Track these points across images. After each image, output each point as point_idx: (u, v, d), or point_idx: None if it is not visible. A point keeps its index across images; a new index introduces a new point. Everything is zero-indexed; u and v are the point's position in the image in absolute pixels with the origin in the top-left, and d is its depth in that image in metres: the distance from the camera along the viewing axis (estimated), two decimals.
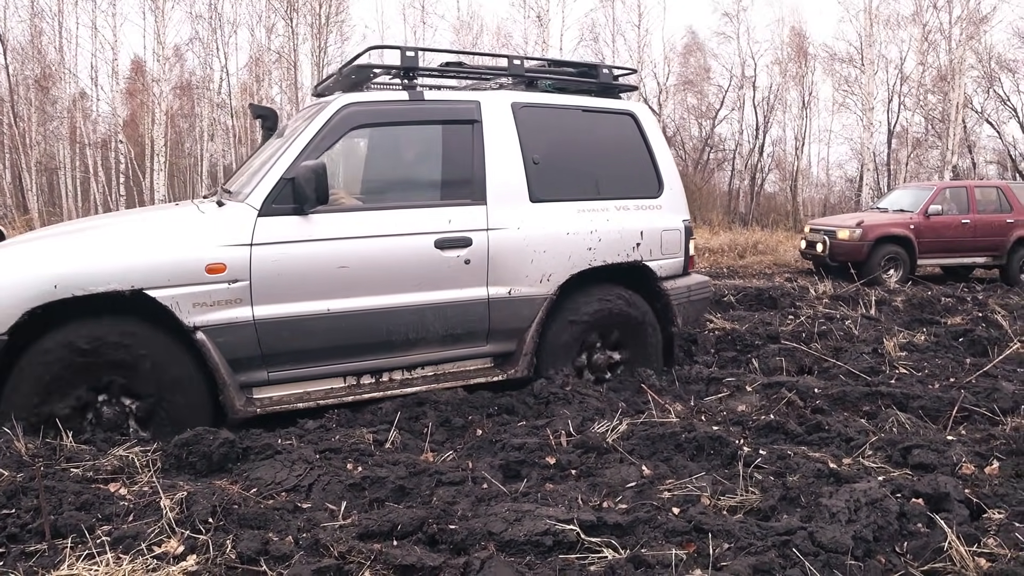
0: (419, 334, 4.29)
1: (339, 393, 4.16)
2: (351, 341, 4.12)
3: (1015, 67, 29.14)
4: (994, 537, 2.61)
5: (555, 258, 4.63)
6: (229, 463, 3.29)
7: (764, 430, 3.87)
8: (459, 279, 4.35)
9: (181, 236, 3.82)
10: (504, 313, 4.51)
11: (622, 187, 4.98)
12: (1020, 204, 13.23)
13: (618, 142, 5.03)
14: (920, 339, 6.54)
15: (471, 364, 4.63)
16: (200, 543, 2.49)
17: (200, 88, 27.22)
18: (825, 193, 35.04)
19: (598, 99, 5.08)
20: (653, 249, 5.01)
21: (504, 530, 2.56)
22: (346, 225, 4.09)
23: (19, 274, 3.53)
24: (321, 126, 4.10)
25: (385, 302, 4.15)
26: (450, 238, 4.31)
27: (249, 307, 3.83)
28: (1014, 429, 3.84)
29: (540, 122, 4.72)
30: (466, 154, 4.48)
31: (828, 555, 2.46)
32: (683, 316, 5.17)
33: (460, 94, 4.70)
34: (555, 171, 4.72)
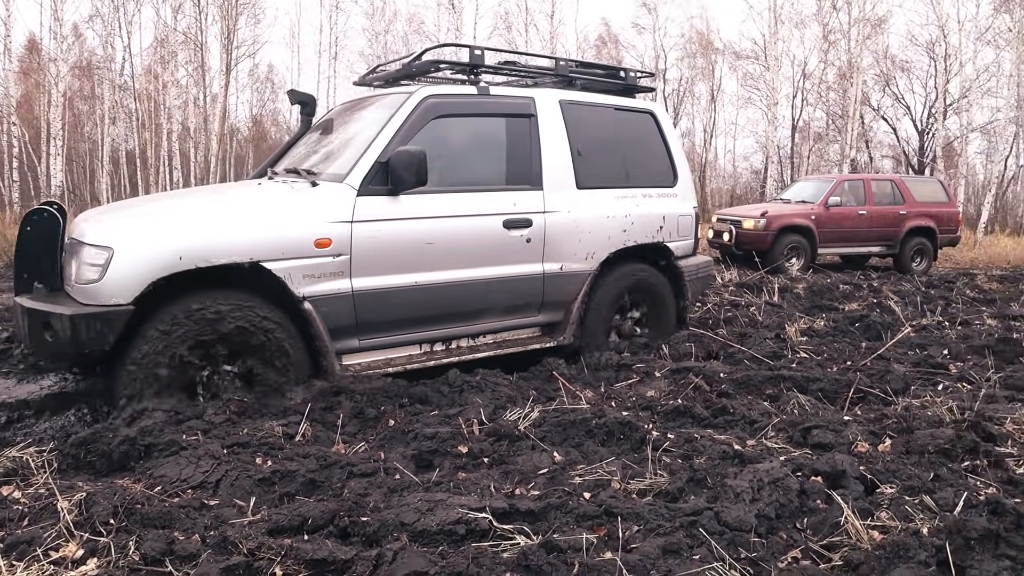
0: (486, 305, 4.79)
1: (419, 359, 4.60)
2: (432, 311, 4.54)
3: (909, 67, 30.67)
4: (886, 511, 2.75)
5: (598, 238, 5.25)
6: (131, 461, 3.16)
7: (672, 414, 3.97)
8: (521, 256, 4.88)
9: (291, 212, 4.09)
10: (555, 286, 5.07)
11: (646, 177, 5.64)
12: (913, 197, 13.94)
13: (641, 137, 5.69)
14: (819, 325, 6.83)
15: (524, 333, 5.19)
16: (101, 546, 2.39)
17: (101, 68, 25.94)
18: (732, 184, 36.16)
19: (623, 98, 5.72)
20: (672, 232, 5.73)
21: (416, 520, 2.55)
22: (431, 205, 4.47)
23: (147, 245, 3.69)
24: (408, 114, 4.48)
25: (462, 275, 4.60)
26: (515, 219, 4.83)
27: (348, 279, 4.17)
28: (905, 409, 4.05)
29: (581, 117, 5.27)
30: (525, 144, 4.98)
31: (733, 533, 2.54)
32: (692, 290, 5.95)
33: (518, 91, 5.17)
34: (594, 161, 5.29)
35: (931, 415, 3.88)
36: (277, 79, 37.50)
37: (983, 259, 16.78)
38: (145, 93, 26.97)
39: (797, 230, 12.89)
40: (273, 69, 39.40)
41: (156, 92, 25.90)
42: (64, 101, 19.86)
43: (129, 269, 3.61)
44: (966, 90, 23.43)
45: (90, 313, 3.57)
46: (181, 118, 25.78)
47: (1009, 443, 3.50)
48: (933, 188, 14.78)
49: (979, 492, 2.92)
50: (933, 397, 4.28)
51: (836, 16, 25.86)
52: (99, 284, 3.60)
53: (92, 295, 3.62)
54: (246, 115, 36.62)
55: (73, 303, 3.68)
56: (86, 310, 3.58)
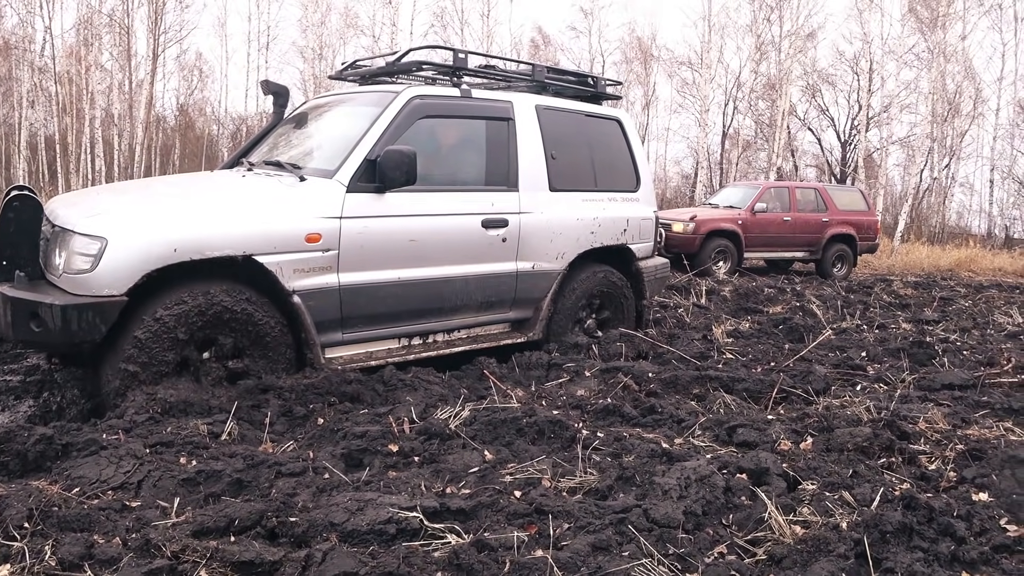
0: (463, 301, 4.92)
1: (397, 353, 4.71)
2: (413, 306, 4.66)
3: (834, 81, 31.72)
4: (808, 506, 2.83)
5: (568, 239, 5.47)
6: (47, 461, 3.02)
7: (602, 413, 4.00)
8: (497, 254, 5.04)
9: (283, 207, 4.14)
10: (527, 284, 5.27)
11: (612, 181, 5.87)
12: (835, 205, 14.41)
13: (608, 143, 5.92)
14: (745, 326, 7.00)
15: (495, 328, 5.35)
16: (15, 551, 2.28)
17: (19, 49, 24.80)
18: (662, 188, 36.73)
19: (594, 105, 5.96)
20: (634, 235, 5.98)
21: (346, 520, 2.52)
22: (414, 203, 4.58)
23: (142, 236, 3.67)
24: (395, 114, 4.57)
25: (442, 272, 4.74)
26: (493, 219, 4.99)
27: (336, 274, 4.25)
28: (825, 408, 4.19)
29: (555, 122, 5.47)
30: (503, 147, 5.13)
31: (661, 530, 2.59)
32: (650, 290, 6.26)
33: (497, 94, 5.32)
34: (566, 165, 5.49)
35: (850, 414, 4.01)
36: (205, 67, 36.53)
37: (899, 266, 17.48)
38: (67, 76, 25.89)
39: (724, 234, 13.16)
40: (201, 57, 38.31)
41: (78, 76, 24.91)
42: None
43: (123, 260, 3.59)
44: (887, 105, 24.38)
45: (82, 304, 3.52)
46: (105, 104, 24.87)
47: (922, 441, 3.65)
48: (854, 197, 15.32)
49: (894, 488, 3.04)
50: (852, 397, 4.43)
51: (769, 28, 26.58)
52: (91, 274, 3.56)
53: (83, 285, 3.57)
54: (173, 103, 35.56)
55: (61, 293, 3.62)
56: (78, 300, 3.53)
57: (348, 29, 28.86)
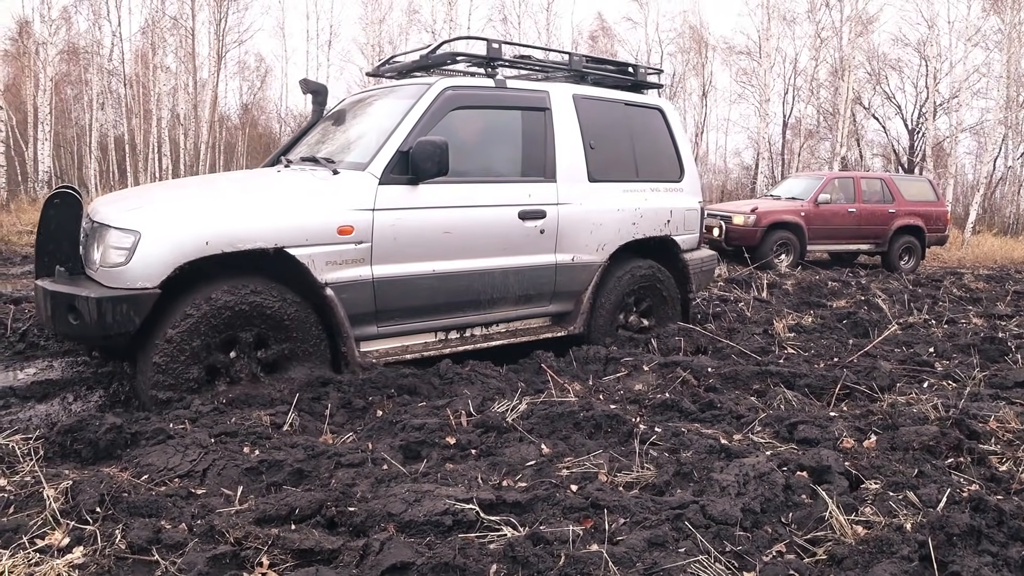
0: (501, 294, 4.86)
1: (434, 346, 4.68)
2: (449, 299, 4.62)
3: (899, 66, 30.78)
4: (870, 506, 2.77)
5: (608, 231, 5.35)
6: (117, 449, 3.14)
7: (660, 408, 3.98)
8: (535, 246, 4.97)
9: (315, 199, 4.14)
10: (567, 277, 5.18)
11: (654, 172, 5.75)
12: (902, 195, 14.01)
13: (650, 132, 5.79)
14: (807, 321, 6.86)
15: (535, 322, 5.29)
16: (87, 534, 2.38)
17: (89, 53, 25.71)
18: (723, 180, 36.24)
19: (635, 94, 5.82)
20: (678, 226, 5.86)
21: (404, 511, 2.55)
22: (449, 195, 4.55)
23: (175, 229, 3.71)
24: (428, 105, 4.54)
25: (478, 265, 4.69)
26: (530, 210, 4.91)
27: (369, 267, 4.23)
28: (890, 405, 4.08)
29: (593, 112, 5.36)
30: (540, 137, 5.06)
31: (718, 527, 2.56)
32: (696, 283, 6.09)
33: (533, 84, 5.22)
34: (606, 155, 5.38)
35: (916, 412, 3.90)
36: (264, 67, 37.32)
37: (970, 258, 16.91)
38: (134, 78, 26.76)
39: (787, 226, 12.93)
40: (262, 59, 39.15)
41: (145, 78, 25.70)
42: (52, 86, 19.68)
43: (156, 253, 3.64)
44: (956, 90, 23.56)
45: (116, 296, 3.59)
46: (170, 105, 25.60)
47: (992, 441, 3.53)
48: (922, 187, 14.86)
49: (962, 489, 2.94)
50: (918, 394, 4.31)
51: (828, 14, 25.93)
52: (125, 267, 3.63)
53: (118, 278, 3.64)
54: (236, 103, 36.42)
55: (98, 286, 3.69)
56: (112, 293, 3.60)
57: (410, 25, 29.14)
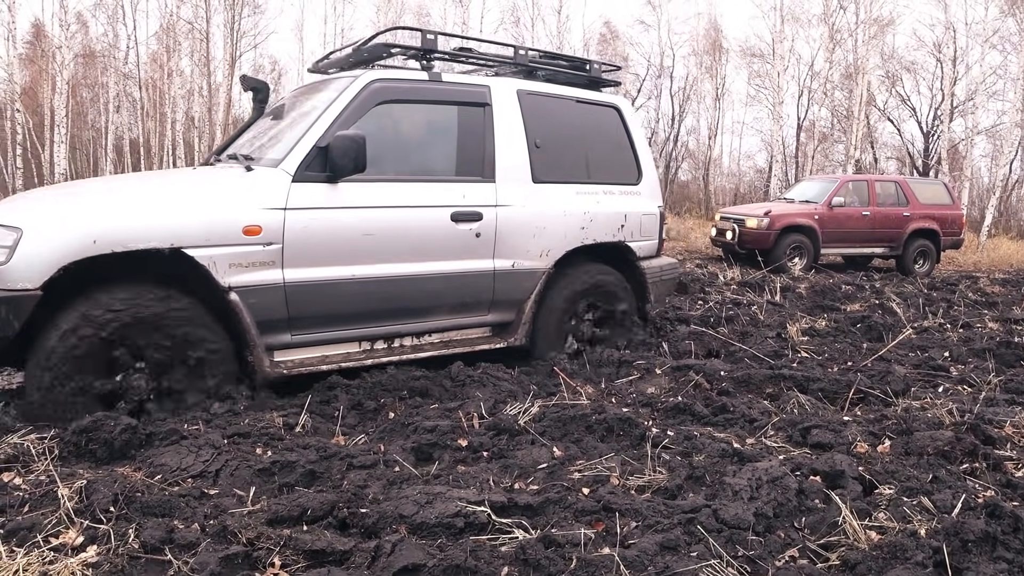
0: (432, 302, 4.55)
1: (357, 357, 4.36)
2: (372, 307, 4.30)
3: (915, 69, 30.60)
4: (884, 511, 2.75)
5: (554, 235, 5.00)
6: (132, 449, 3.16)
7: (672, 411, 3.97)
8: (470, 251, 4.64)
9: (219, 197, 3.87)
10: (507, 284, 4.83)
11: (608, 173, 5.42)
12: (916, 199, 13.91)
13: (605, 132, 5.46)
14: (821, 324, 6.83)
15: (473, 332, 4.95)
16: (101, 533, 2.40)
17: (105, 56, 25.92)
18: (736, 183, 36.11)
19: (588, 91, 5.47)
20: (634, 231, 5.47)
21: (415, 513, 2.56)
22: (372, 194, 4.25)
23: (58, 227, 3.45)
24: (351, 99, 4.26)
25: (405, 270, 4.37)
26: (464, 212, 4.59)
27: (280, 270, 3.94)
28: (904, 410, 4.05)
29: (540, 109, 5.05)
30: (478, 134, 4.75)
31: (731, 531, 2.55)
32: (655, 293, 5.67)
33: (472, 78, 4.96)
34: (553, 155, 5.08)
35: (931, 417, 3.88)
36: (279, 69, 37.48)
37: (986, 262, 16.78)
38: (150, 82, 26.95)
39: (800, 230, 12.87)
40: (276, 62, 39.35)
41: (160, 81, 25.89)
42: (68, 88, 19.84)
43: (38, 251, 3.36)
44: (972, 92, 23.39)
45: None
46: (185, 107, 25.77)
47: (1008, 446, 3.50)
48: (937, 190, 14.75)
49: (977, 495, 2.92)
50: (933, 399, 4.28)
51: (843, 16, 25.81)
52: (5, 266, 3.35)
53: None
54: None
55: None
56: None
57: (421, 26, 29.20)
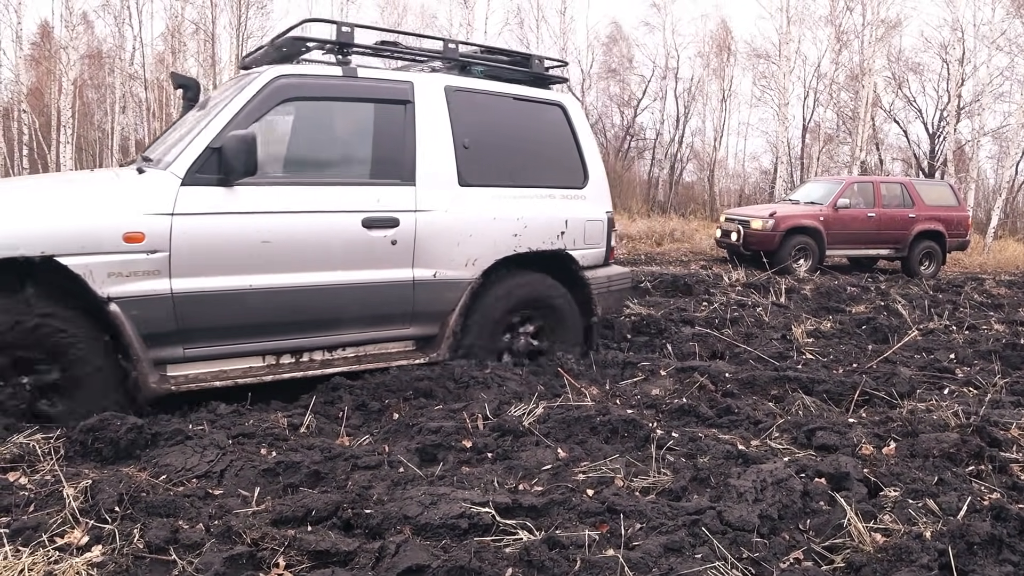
0: (342, 314, 4.22)
1: (258, 372, 4.04)
2: (272, 319, 4.00)
3: (921, 70, 30.53)
4: (889, 514, 2.75)
5: (481, 243, 4.62)
6: (137, 449, 3.17)
7: (676, 413, 3.97)
8: (385, 260, 4.30)
9: (98, 202, 3.63)
10: (429, 296, 4.47)
11: (549, 176, 5.02)
12: (922, 200, 13.88)
13: (546, 132, 5.07)
14: (826, 326, 6.81)
15: (394, 347, 4.57)
16: (106, 533, 2.41)
17: (111, 57, 25.99)
18: (741, 184, 36.03)
19: (529, 88, 5.09)
20: (576, 238, 5.05)
21: (420, 514, 2.56)
22: (272, 199, 3.96)
23: None
24: (251, 96, 3.97)
25: (309, 280, 4.05)
26: (377, 218, 4.25)
27: (167, 279, 3.66)
28: (910, 412, 4.04)
29: (472, 107, 4.70)
30: (397, 134, 4.41)
31: (735, 533, 2.55)
32: (603, 305, 5.23)
33: (394, 74, 4.62)
34: (484, 157, 4.71)
35: (936, 419, 3.87)
36: None
37: (992, 264, 16.74)
38: (156, 82, 27.00)
39: (805, 231, 12.85)
40: None
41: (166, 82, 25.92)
42: (74, 89, 19.91)
43: None
44: (979, 94, 23.31)
45: None
46: None
47: (1014, 449, 3.49)
48: (943, 192, 14.73)
49: (983, 497, 2.92)
50: (939, 401, 4.27)
51: (850, 17, 25.76)
52: None
53: None
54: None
55: None
56: None
57: (425, 30, 29.22)
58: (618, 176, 29.58)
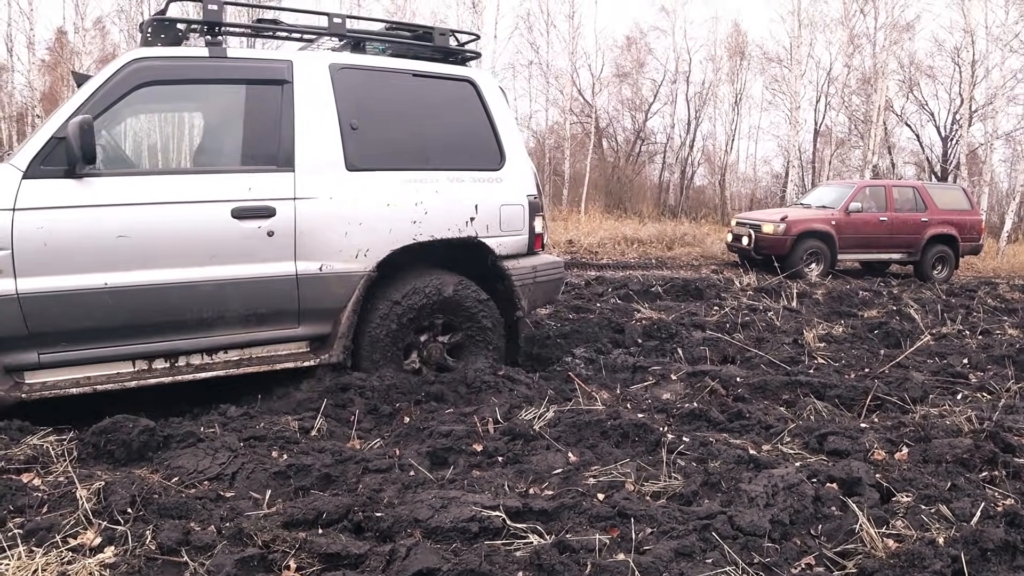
0: (216, 313, 3.92)
1: (124, 378, 3.75)
2: (136, 320, 3.72)
3: (933, 73, 30.39)
4: (902, 519, 2.73)
5: (373, 232, 4.27)
6: (149, 451, 3.20)
7: (687, 417, 3.96)
8: (261, 253, 3.98)
9: None
10: (315, 291, 4.15)
11: (456, 157, 4.64)
12: (934, 204, 13.81)
13: (454, 110, 4.70)
14: (838, 331, 6.78)
15: (283, 348, 4.25)
16: (119, 534, 2.42)
17: None
18: (752, 188, 35.94)
19: (434, 64, 4.76)
20: (490, 224, 4.67)
21: (430, 517, 2.56)
22: (128, 190, 3.69)
23: None
24: (103, 81, 3.69)
25: (174, 276, 3.76)
26: (249, 207, 3.93)
27: (12, 279, 3.42)
28: (922, 417, 4.02)
29: (362, 86, 4.37)
30: (272, 117, 4.10)
31: (747, 538, 2.54)
32: (529, 299, 4.85)
33: (270, 53, 4.31)
34: (378, 138, 4.37)
35: (949, 424, 3.85)
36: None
37: (1006, 268, 16.63)
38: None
39: (817, 235, 12.81)
40: None
41: None
42: None
43: None
44: (992, 97, 23.18)
45: None
46: None
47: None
48: (956, 195, 14.64)
49: (997, 503, 2.90)
50: (952, 406, 4.24)
51: (863, 20, 25.68)
52: None
53: None
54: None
55: None
56: None
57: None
58: (628, 180, 29.60)
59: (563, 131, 27.93)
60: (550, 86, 31.51)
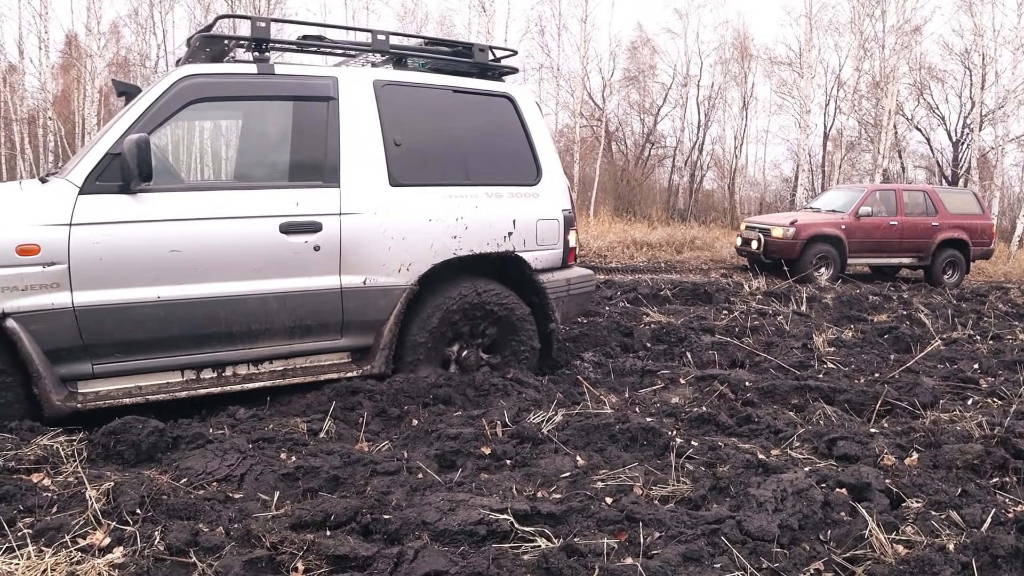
0: (263, 325, 4.01)
1: (174, 388, 3.85)
2: (186, 332, 3.83)
3: (944, 77, 30.28)
4: (912, 525, 2.72)
5: (415, 246, 4.35)
6: (159, 452, 3.21)
7: (696, 422, 3.95)
8: (308, 267, 4.07)
9: None
10: (359, 304, 4.24)
11: (495, 173, 4.72)
12: (945, 208, 13.74)
13: (493, 125, 4.79)
14: (848, 335, 6.75)
15: (326, 358, 4.33)
16: (127, 535, 2.44)
17: (136, 65, 26.34)
18: (761, 192, 35.88)
19: (473, 80, 4.84)
20: (528, 239, 4.75)
21: (438, 520, 2.56)
22: (180, 206, 3.80)
23: None
24: (156, 98, 3.78)
25: (223, 290, 3.87)
26: (297, 222, 4.03)
27: (68, 292, 3.52)
28: (933, 422, 4.00)
29: (405, 102, 4.45)
30: (319, 133, 4.19)
31: (755, 543, 2.53)
32: (562, 311, 4.95)
33: (317, 69, 4.41)
34: (420, 154, 4.46)
35: (960, 430, 3.82)
36: None
37: (1017, 273, 16.52)
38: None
39: (827, 239, 12.76)
40: None
41: None
42: (100, 97, 20.18)
43: None
44: (1003, 100, 23.07)
45: None
46: None
47: None
48: (967, 199, 14.57)
49: (1007, 509, 2.88)
50: (962, 412, 4.22)
51: (872, 24, 25.60)
52: None
53: None
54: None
55: None
56: None
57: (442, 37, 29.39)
58: (637, 184, 29.57)
59: (573, 134, 27.97)
60: (560, 89, 31.58)
